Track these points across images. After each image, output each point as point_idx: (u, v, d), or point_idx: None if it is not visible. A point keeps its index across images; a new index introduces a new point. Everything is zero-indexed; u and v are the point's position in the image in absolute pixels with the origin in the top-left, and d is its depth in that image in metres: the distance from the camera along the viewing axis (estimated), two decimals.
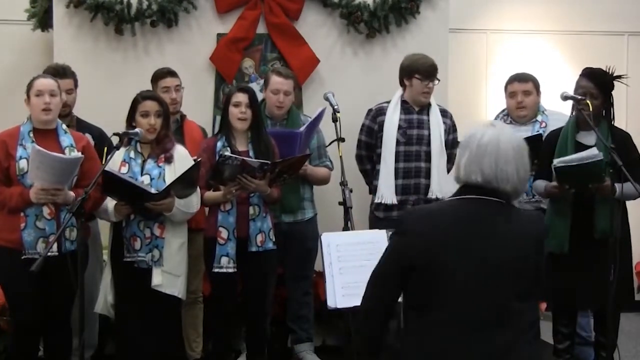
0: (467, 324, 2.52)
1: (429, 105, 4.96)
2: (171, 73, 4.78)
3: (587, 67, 4.48)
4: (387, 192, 4.84)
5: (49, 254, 3.81)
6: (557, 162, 4.23)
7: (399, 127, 4.88)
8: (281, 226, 4.76)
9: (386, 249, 2.69)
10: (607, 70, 4.43)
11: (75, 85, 4.67)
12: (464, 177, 2.63)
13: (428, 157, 4.89)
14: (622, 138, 4.40)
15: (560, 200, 4.36)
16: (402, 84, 4.95)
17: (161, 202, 4.07)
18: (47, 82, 4.14)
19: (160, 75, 4.76)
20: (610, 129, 4.38)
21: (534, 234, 2.64)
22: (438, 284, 2.54)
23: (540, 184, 4.49)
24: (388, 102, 4.96)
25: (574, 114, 4.44)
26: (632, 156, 4.33)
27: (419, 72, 4.85)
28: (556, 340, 4.58)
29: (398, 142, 4.86)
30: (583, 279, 4.29)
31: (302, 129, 4.70)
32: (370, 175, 5.04)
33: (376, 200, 4.91)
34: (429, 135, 4.90)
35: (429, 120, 4.92)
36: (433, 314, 2.55)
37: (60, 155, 4.01)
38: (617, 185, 4.12)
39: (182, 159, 4.25)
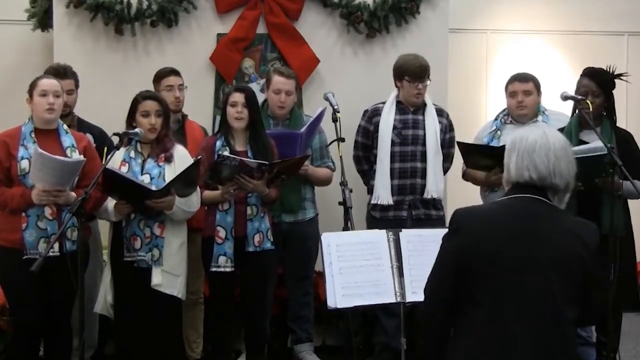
0: (514, 320, 2.52)
1: (424, 105, 4.96)
2: (174, 72, 4.79)
3: (588, 67, 4.49)
4: (383, 193, 4.85)
5: (50, 254, 3.82)
6: None
7: (394, 128, 4.88)
8: (282, 226, 4.76)
9: (440, 251, 2.68)
10: (608, 69, 4.44)
11: (76, 86, 4.67)
12: (515, 177, 2.64)
13: (424, 157, 4.89)
14: (624, 137, 4.40)
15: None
16: (396, 84, 4.96)
17: (162, 200, 4.07)
18: (52, 83, 4.14)
19: (164, 74, 4.77)
20: (613, 128, 4.38)
21: (586, 240, 2.62)
22: (487, 281, 2.55)
23: None
24: (383, 103, 4.97)
25: (576, 113, 4.45)
26: (635, 155, 4.33)
27: (408, 73, 4.85)
28: None
29: (393, 143, 4.87)
30: None
31: (302, 129, 4.70)
32: (368, 175, 5.05)
33: (372, 201, 4.91)
34: (424, 135, 4.90)
35: (424, 120, 4.92)
36: (481, 310, 2.55)
37: (63, 158, 4.01)
38: (624, 182, 4.11)
39: (182, 158, 4.26)
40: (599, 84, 4.38)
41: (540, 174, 2.58)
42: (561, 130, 4.49)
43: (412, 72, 4.85)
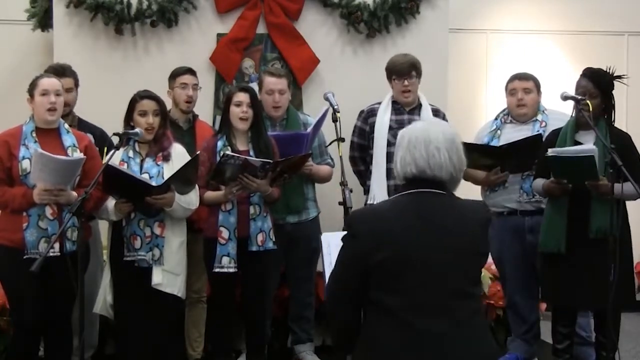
0: (420, 311, 2.57)
1: (420, 105, 4.96)
2: (191, 71, 4.81)
3: (587, 67, 4.49)
4: (379, 193, 4.85)
5: (51, 254, 3.82)
6: (550, 151, 4.25)
7: (390, 128, 4.89)
8: (286, 227, 4.76)
9: (342, 252, 2.73)
10: (607, 70, 4.43)
11: (76, 85, 4.67)
12: (401, 173, 2.70)
13: None
14: (621, 138, 4.40)
15: (559, 198, 4.35)
16: (390, 85, 4.98)
17: (162, 197, 4.07)
18: (53, 82, 4.14)
19: (181, 72, 4.79)
20: (609, 129, 4.38)
21: (478, 221, 2.71)
22: (391, 277, 2.60)
23: (539, 182, 4.49)
24: (379, 103, 4.98)
25: (574, 114, 4.45)
26: (632, 156, 4.33)
27: (394, 72, 4.91)
28: (555, 340, 4.57)
29: (389, 143, 4.86)
30: (582, 279, 4.28)
31: (309, 129, 4.71)
32: (364, 176, 5.06)
33: (369, 201, 4.91)
34: None
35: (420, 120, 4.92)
36: (386, 304, 2.60)
37: (63, 157, 4.01)
38: (617, 186, 4.11)
39: (180, 156, 4.27)
40: (597, 84, 4.37)
41: (419, 168, 2.65)
42: (558, 131, 4.49)
43: (397, 70, 4.89)
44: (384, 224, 2.63)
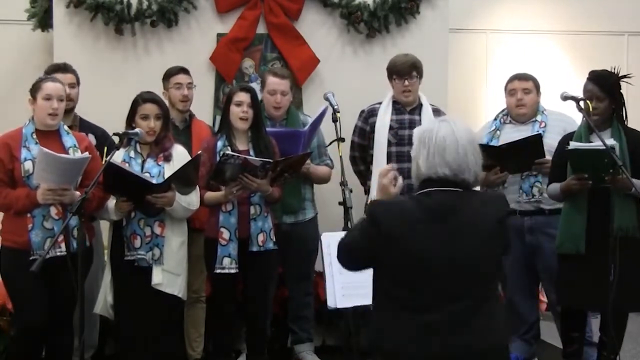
0: (429, 306, 2.64)
1: (421, 105, 4.96)
2: (184, 70, 4.81)
3: (593, 70, 4.45)
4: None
5: (58, 254, 3.84)
6: (571, 144, 4.22)
7: (391, 128, 4.89)
8: (282, 226, 4.76)
9: (361, 229, 2.79)
10: (612, 71, 4.41)
11: (77, 82, 4.66)
12: (426, 173, 2.73)
13: None
14: (636, 138, 4.36)
15: (577, 198, 4.29)
16: (391, 85, 4.98)
17: (162, 195, 4.07)
18: (57, 87, 4.13)
19: (174, 72, 4.79)
20: (623, 129, 4.35)
21: (495, 216, 2.74)
22: (407, 273, 2.65)
23: (555, 186, 4.42)
24: (380, 104, 4.98)
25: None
26: None
27: (394, 72, 4.91)
28: (565, 344, 4.55)
29: (390, 143, 4.87)
30: (594, 280, 4.23)
31: (306, 128, 4.71)
32: (365, 176, 5.05)
33: (369, 201, 4.91)
34: None
35: (420, 121, 4.91)
36: (401, 300, 2.66)
37: (68, 156, 4.02)
38: (636, 181, 4.09)
39: (181, 157, 4.27)
40: (602, 87, 4.34)
41: (452, 171, 2.69)
42: (572, 134, 4.45)
43: (397, 70, 4.89)
44: (404, 221, 2.66)
